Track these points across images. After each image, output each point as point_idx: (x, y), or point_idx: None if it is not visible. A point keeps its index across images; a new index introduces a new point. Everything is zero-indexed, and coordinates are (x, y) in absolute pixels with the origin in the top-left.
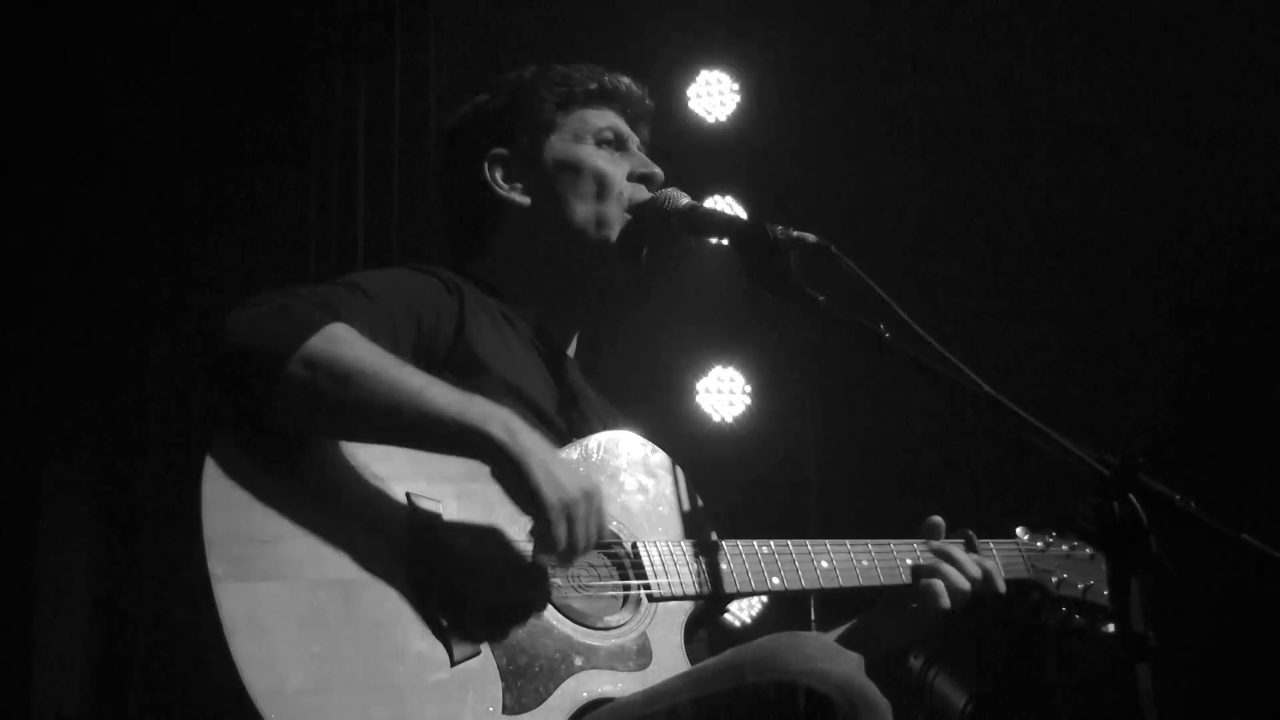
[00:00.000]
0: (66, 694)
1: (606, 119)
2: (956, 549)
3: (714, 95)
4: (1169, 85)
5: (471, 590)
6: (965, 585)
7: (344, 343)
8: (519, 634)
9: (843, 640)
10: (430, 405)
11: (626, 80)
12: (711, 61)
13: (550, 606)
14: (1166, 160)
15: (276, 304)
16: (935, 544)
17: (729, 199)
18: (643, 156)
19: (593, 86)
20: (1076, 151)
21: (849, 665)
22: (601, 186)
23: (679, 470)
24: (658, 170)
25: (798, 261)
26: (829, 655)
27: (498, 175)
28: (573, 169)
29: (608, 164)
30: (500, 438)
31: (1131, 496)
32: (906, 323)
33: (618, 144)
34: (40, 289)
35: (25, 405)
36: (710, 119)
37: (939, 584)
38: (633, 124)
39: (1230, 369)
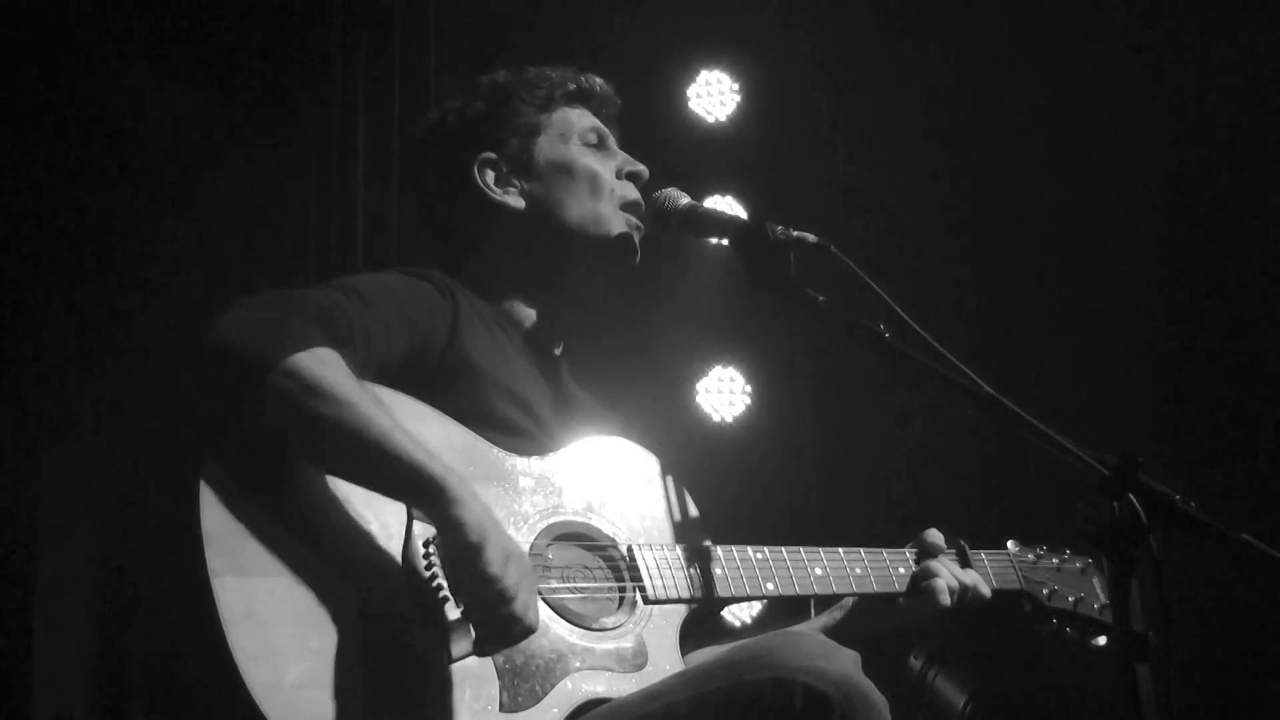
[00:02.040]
0: (66, 694)
1: (587, 119)
2: (944, 559)
3: (714, 95)
4: (1169, 84)
5: None
6: (955, 585)
7: (328, 367)
8: None
9: (834, 626)
10: (395, 446)
11: (599, 80)
12: (711, 61)
13: (547, 607)
14: (1167, 159)
15: (271, 311)
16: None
17: (729, 199)
18: (626, 155)
19: (571, 87)
20: (1078, 151)
21: (846, 663)
22: (594, 186)
23: (670, 475)
24: (644, 167)
25: (798, 261)
26: (826, 653)
27: (489, 180)
28: (565, 170)
29: (596, 163)
30: (448, 498)
31: (1131, 496)
32: (906, 323)
33: (600, 143)
34: (40, 288)
35: (25, 404)
36: (710, 119)
37: (940, 582)
38: (607, 123)
39: (1230, 369)
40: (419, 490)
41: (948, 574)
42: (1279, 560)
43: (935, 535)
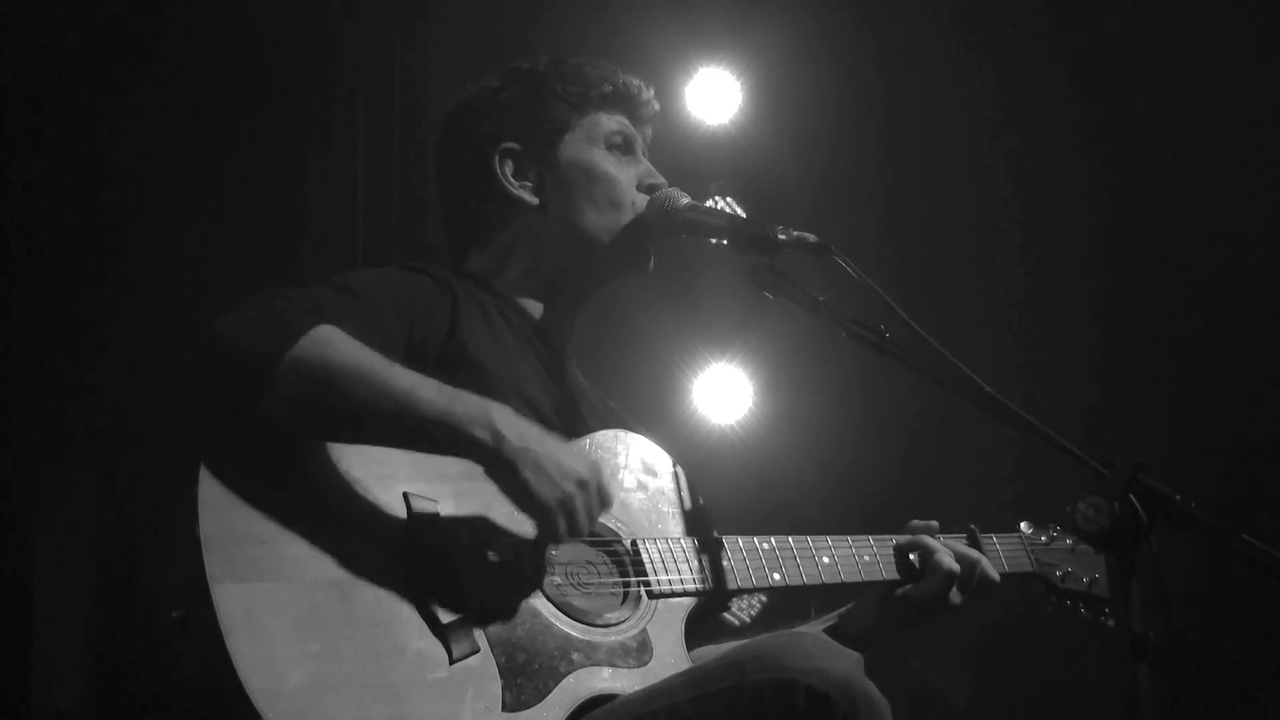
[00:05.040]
0: (66, 694)
1: (617, 121)
2: (943, 539)
3: (714, 94)
4: (1170, 86)
5: (469, 589)
6: (954, 564)
7: (331, 344)
8: (518, 632)
9: (838, 626)
10: (417, 405)
11: (638, 82)
12: (712, 60)
13: (549, 604)
14: (1167, 160)
15: (263, 307)
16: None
17: (729, 199)
18: (649, 165)
19: (607, 89)
20: (1078, 152)
21: (849, 664)
22: (614, 195)
23: (679, 468)
24: (663, 181)
25: (798, 262)
26: (829, 654)
27: (508, 171)
28: (585, 173)
29: (617, 169)
30: (484, 438)
31: (1131, 496)
32: (906, 323)
33: (625, 147)
34: (40, 290)
35: (25, 405)
36: (710, 119)
37: (943, 556)
38: (639, 125)
39: (1230, 369)
40: (454, 445)
41: (944, 548)
42: (1279, 560)
43: (918, 522)
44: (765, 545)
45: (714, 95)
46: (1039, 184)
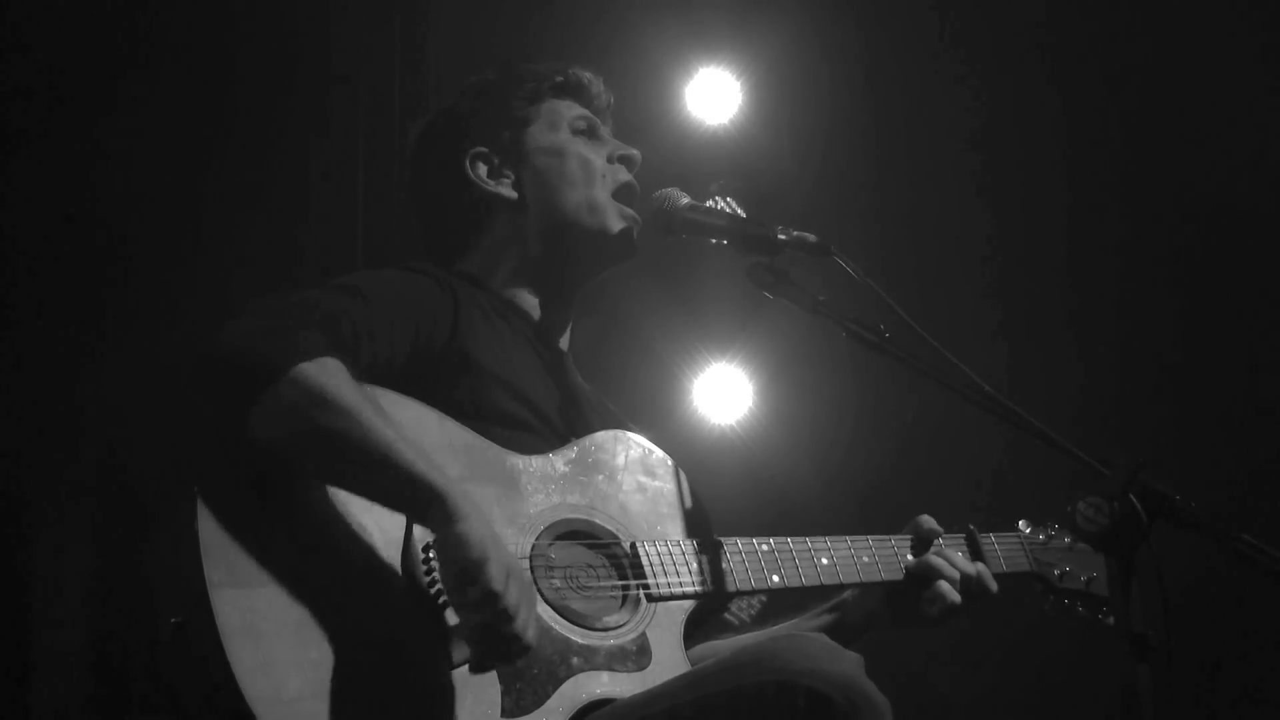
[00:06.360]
0: (66, 695)
1: (576, 109)
2: (945, 550)
3: (714, 94)
4: (1170, 83)
5: None
6: (957, 576)
7: (333, 377)
8: None
9: (834, 624)
10: (398, 457)
11: (588, 74)
12: (712, 60)
13: (549, 608)
14: (1167, 159)
15: (275, 319)
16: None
17: (729, 199)
18: (617, 141)
19: (559, 80)
20: (1078, 151)
21: (849, 665)
22: (587, 172)
23: (679, 469)
24: (635, 151)
25: (798, 261)
26: (830, 655)
27: (482, 172)
28: (556, 156)
29: (587, 149)
30: (457, 508)
31: (1131, 496)
32: (906, 323)
33: (590, 131)
34: (39, 291)
35: (25, 406)
36: (710, 119)
37: (944, 585)
38: (598, 115)
39: (1230, 368)
40: (421, 504)
41: (949, 568)
42: (1279, 560)
43: (929, 521)
44: (764, 547)
45: (714, 95)
46: (1042, 183)
